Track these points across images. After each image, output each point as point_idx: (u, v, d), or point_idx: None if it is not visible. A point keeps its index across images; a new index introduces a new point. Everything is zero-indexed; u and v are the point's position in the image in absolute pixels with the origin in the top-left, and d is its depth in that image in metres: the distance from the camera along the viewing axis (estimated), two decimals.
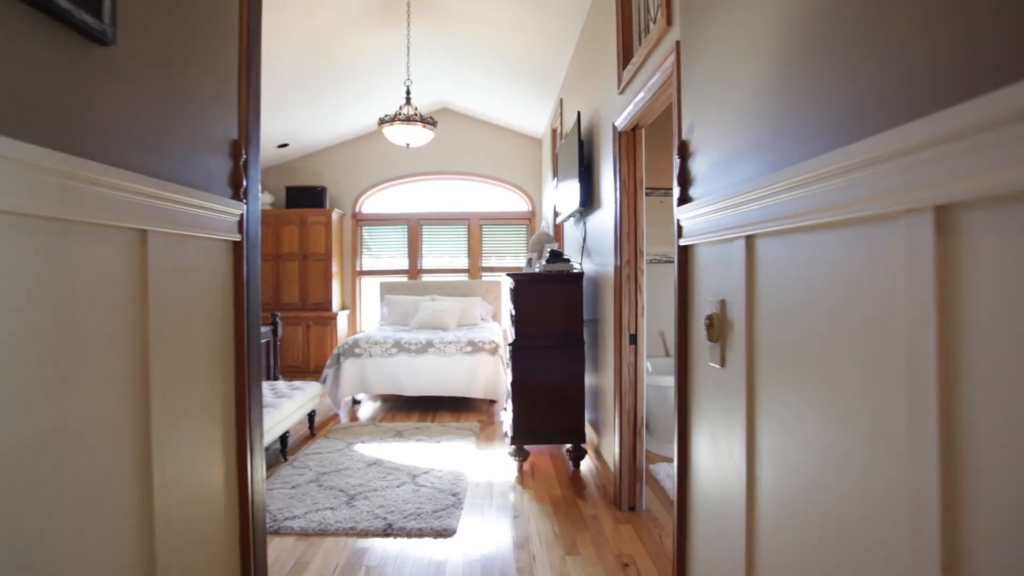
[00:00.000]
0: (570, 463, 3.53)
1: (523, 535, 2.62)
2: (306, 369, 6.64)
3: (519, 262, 7.26)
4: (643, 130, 2.83)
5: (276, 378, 4.70)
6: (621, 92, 2.81)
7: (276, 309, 6.70)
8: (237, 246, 1.60)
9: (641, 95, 2.39)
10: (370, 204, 7.37)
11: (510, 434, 3.48)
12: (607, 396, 3.21)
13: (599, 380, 3.48)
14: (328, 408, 5.21)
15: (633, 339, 2.80)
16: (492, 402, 5.29)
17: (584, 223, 3.93)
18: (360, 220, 7.28)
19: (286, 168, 7.20)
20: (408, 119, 4.04)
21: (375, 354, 4.98)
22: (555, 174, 5.49)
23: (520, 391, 3.41)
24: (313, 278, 6.76)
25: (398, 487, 3.15)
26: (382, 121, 4.12)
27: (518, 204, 7.33)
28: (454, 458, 3.66)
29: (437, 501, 2.95)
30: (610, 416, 3.11)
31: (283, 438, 3.69)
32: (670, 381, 3.54)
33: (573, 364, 3.41)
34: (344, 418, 4.92)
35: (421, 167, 7.18)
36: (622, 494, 2.82)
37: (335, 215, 6.86)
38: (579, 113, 3.58)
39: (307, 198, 6.79)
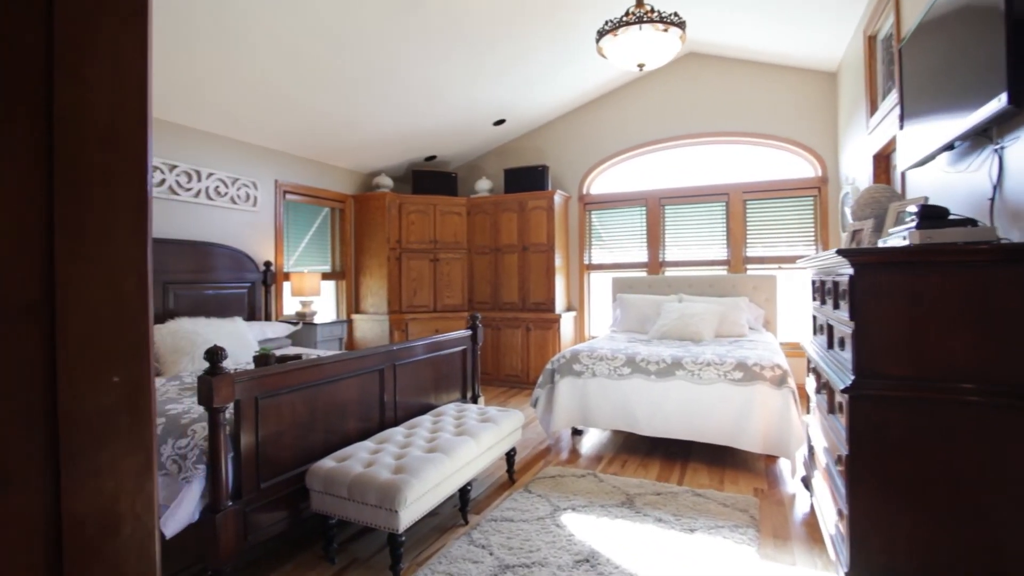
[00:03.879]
0: None
1: None
2: (525, 380, 5.69)
3: (799, 251, 5.17)
4: None
5: (474, 399, 3.72)
6: None
7: (495, 308, 5.91)
8: None
9: None
10: (600, 184, 6.09)
11: (844, 567, 1.78)
12: None
13: None
14: (540, 436, 4.09)
15: None
16: (773, 456, 3.52)
17: (999, 152, 1.98)
18: (588, 203, 6.07)
19: (505, 150, 6.40)
20: (640, 20, 2.61)
21: (600, 373, 3.66)
22: (876, 105, 3.43)
23: (868, 481, 1.70)
24: (534, 273, 5.78)
25: None
26: (601, 33, 2.77)
27: (799, 169, 5.24)
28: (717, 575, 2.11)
29: None
30: None
31: (463, 491, 2.62)
32: None
33: (1005, 447, 1.56)
34: (564, 451, 3.73)
35: (661, 131, 5.64)
36: None
37: (558, 198, 5.77)
38: None
39: (527, 180, 5.85)
